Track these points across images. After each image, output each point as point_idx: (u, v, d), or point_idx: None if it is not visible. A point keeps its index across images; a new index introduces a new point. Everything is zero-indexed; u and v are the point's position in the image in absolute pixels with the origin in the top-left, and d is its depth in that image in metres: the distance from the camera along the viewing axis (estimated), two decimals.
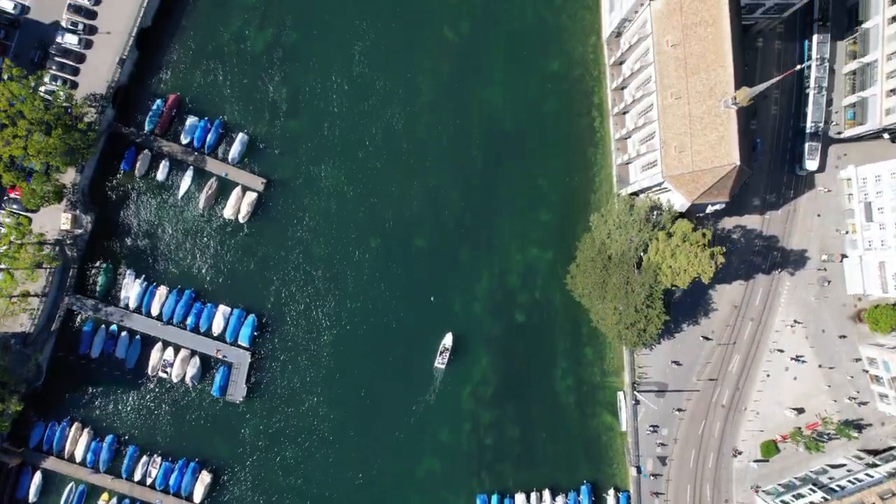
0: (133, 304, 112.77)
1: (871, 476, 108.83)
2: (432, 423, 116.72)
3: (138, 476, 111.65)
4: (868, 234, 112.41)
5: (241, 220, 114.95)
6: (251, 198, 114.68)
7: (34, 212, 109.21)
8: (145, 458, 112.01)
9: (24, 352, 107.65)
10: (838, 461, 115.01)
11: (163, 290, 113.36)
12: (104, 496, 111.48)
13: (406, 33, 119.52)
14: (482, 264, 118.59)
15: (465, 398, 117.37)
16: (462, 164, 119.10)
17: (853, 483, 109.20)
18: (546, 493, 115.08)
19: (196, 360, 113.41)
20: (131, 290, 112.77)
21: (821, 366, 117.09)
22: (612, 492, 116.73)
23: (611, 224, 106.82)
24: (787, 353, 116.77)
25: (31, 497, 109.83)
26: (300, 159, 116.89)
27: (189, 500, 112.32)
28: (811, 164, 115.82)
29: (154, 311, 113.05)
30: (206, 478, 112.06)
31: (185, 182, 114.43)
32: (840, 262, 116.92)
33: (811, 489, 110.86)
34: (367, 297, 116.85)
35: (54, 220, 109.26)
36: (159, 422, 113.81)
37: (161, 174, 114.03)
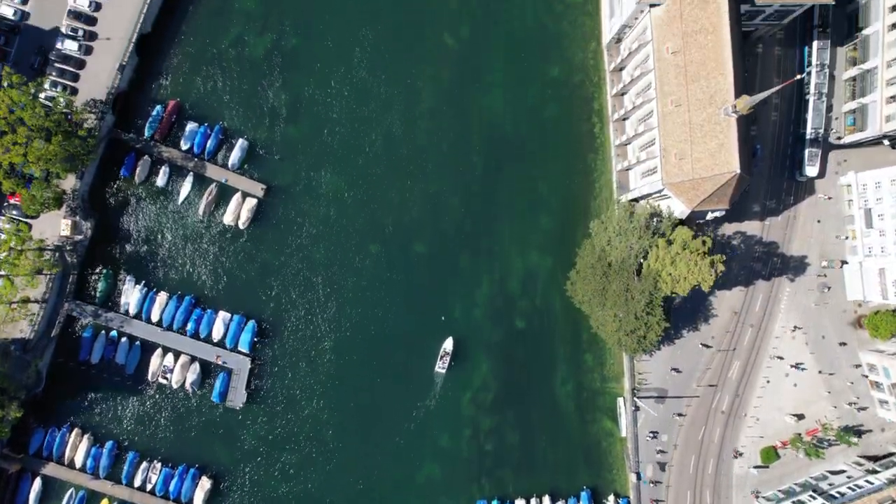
0: (133, 309, 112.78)
1: (872, 483, 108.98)
2: (432, 428, 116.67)
3: (138, 482, 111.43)
4: (868, 240, 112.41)
5: (241, 226, 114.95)
6: (251, 204, 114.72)
7: (34, 218, 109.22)
8: (145, 464, 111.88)
9: (23, 358, 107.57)
10: (838, 467, 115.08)
11: (163, 296, 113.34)
12: (104, 502, 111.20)
13: (406, 39, 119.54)
14: (482, 270, 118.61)
15: (465, 404, 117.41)
16: (462, 170, 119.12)
17: (853, 489, 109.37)
18: (546, 499, 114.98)
19: (196, 366, 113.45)
20: (131, 295, 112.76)
21: (821, 372, 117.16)
22: (612, 498, 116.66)
23: (611, 231, 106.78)
24: (787, 359, 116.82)
25: (31, 503, 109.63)
26: (300, 165, 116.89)
27: None
28: (811, 170, 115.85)
29: (154, 317, 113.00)
30: (206, 484, 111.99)
31: (185, 188, 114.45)
32: (840, 269, 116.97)
33: (811, 495, 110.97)
34: (367, 302, 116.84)
35: (54, 227, 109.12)
36: (159, 428, 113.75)
37: (161, 180, 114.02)
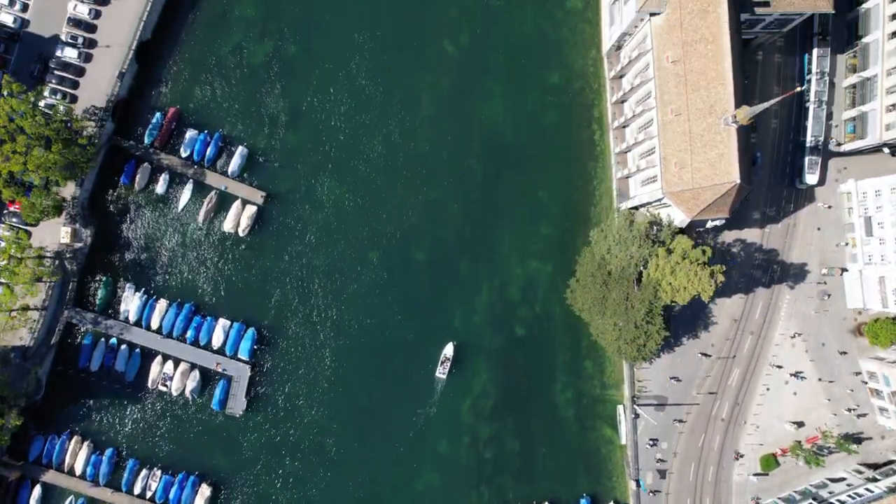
0: (133, 317, 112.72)
1: (872, 491, 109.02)
2: (432, 435, 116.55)
3: (138, 489, 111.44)
4: (868, 248, 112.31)
5: (240, 233, 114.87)
6: (251, 211, 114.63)
7: (34, 226, 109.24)
8: (145, 472, 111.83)
9: (23, 365, 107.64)
10: (838, 475, 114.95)
11: (163, 303, 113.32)
12: None
13: (406, 46, 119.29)
14: (482, 277, 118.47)
15: (464, 411, 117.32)
16: (462, 177, 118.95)
17: (853, 497, 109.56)
18: None
19: (196, 373, 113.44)
20: (131, 303, 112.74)
21: (821, 379, 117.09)
22: None
23: (611, 240, 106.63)
24: (787, 367, 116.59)
25: None
26: (300, 172, 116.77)
27: None
28: (811, 177, 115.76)
29: (154, 325, 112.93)
30: (206, 491, 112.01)
31: (185, 195, 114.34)
32: (840, 276, 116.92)
33: (811, 503, 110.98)
34: (367, 310, 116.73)
35: (54, 234, 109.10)
36: (159, 435, 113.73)
37: (161, 187, 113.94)
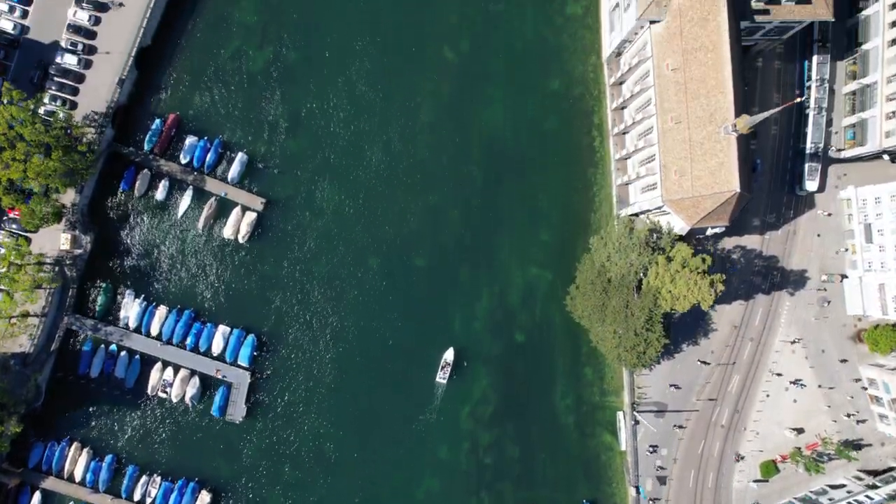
0: (133, 323, 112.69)
1: (871, 498, 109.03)
2: (432, 441, 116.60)
3: (138, 496, 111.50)
4: (868, 255, 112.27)
5: (240, 239, 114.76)
6: (251, 217, 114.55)
7: (33, 232, 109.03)
8: (145, 478, 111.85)
9: (23, 372, 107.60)
10: (838, 482, 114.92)
11: (162, 309, 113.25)
12: None
13: (406, 52, 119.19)
14: (482, 283, 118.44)
15: (464, 417, 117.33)
16: (462, 183, 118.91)
17: None
18: None
19: (196, 379, 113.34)
20: (131, 309, 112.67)
21: (820, 386, 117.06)
22: None
23: (610, 247, 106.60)
24: (787, 374, 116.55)
25: None
26: (300, 179, 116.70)
27: None
28: (811, 184, 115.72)
29: (154, 331, 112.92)
30: (205, 498, 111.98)
31: (185, 202, 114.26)
32: (840, 283, 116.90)
33: None
34: (367, 316, 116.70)
35: (54, 241, 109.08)
36: (159, 441, 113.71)
37: (160, 194, 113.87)
